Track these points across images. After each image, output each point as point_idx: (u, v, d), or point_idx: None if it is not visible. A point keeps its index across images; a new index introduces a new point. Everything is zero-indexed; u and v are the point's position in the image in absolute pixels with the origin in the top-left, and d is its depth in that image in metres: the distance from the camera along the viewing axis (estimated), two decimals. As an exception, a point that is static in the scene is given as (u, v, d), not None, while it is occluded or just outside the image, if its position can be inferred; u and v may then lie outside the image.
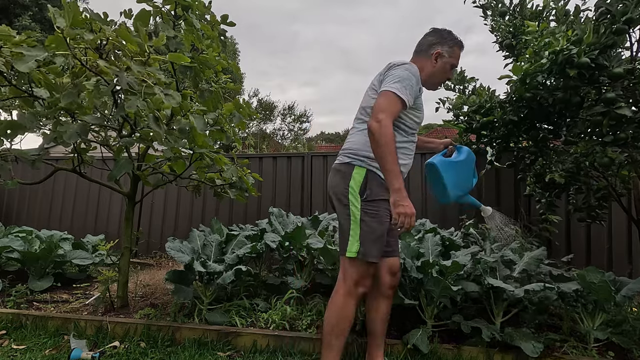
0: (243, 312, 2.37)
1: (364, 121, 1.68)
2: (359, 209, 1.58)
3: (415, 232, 2.92)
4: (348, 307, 1.58)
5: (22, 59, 1.63)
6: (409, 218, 1.47)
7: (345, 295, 1.59)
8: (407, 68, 1.60)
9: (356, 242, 1.57)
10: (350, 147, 1.69)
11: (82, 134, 1.93)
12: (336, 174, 1.69)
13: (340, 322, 1.58)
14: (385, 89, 1.55)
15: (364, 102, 1.74)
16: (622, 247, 3.74)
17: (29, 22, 12.44)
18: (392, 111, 1.52)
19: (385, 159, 1.48)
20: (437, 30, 1.78)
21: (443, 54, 1.73)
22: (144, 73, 1.83)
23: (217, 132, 2.50)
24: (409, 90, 1.55)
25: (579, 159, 2.58)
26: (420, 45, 1.79)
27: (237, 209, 4.79)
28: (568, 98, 2.48)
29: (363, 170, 1.61)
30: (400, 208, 1.47)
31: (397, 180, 1.48)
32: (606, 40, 2.20)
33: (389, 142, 1.47)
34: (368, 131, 1.52)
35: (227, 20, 2.40)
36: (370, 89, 1.72)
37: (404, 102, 1.54)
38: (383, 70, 1.67)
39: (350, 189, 1.60)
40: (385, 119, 1.48)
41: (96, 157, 2.61)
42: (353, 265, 1.60)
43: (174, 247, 2.37)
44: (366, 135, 1.59)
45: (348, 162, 1.65)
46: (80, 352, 1.95)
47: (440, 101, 3.53)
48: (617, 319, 2.23)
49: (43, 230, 3.68)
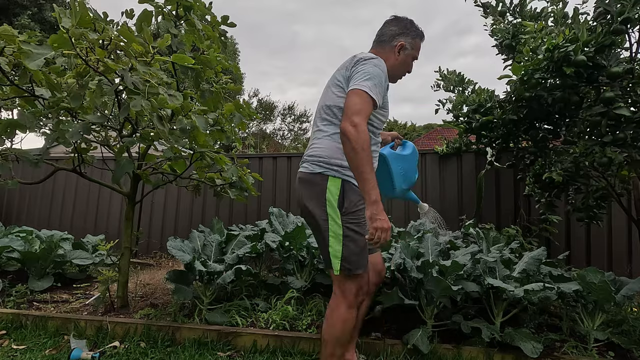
0: (243, 312, 2.37)
1: (331, 122, 1.54)
2: (340, 224, 1.46)
3: (415, 232, 2.92)
4: (351, 318, 1.52)
5: (31, 56, 1.61)
6: (385, 233, 1.37)
7: (348, 308, 1.51)
8: (377, 64, 1.48)
9: (338, 259, 1.47)
10: (319, 155, 1.53)
11: (84, 133, 1.93)
12: (308, 185, 1.53)
13: (345, 334, 1.53)
14: (356, 87, 1.41)
15: (327, 99, 1.58)
16: (622, 247, 3.75)
17: (28, 22, 12.43)
18: (367, 113, 1.40)
19: (363, 168, 1.35)
20: (400, 19, 1.67)
21: (406, 46, 1.63)
22: (148, 73, 1.84)
23: (218, 132, 2.50)
24: (379, 88, 1.45)
25: (578, 159, 2.59)
26: (383, 34, 1.66)
27: (237, 209, 4.80)
28: (567, 97, 2.48)
29: (338, 181, 1.48)
30: (377, 222, 1.35)
31: (374, 191, 1.36)
32: (604, 39, 2.20)
33: (367, 149, 1.35)
34: (342, 135, 1.38)
35: (227, 21, 2.41)
36: (335, 84, 1.56)
37: (376, 103, 1.44)
38: (349, 64, 1.53)
39: (328, 203, 1.47)
40: (361, 123, 1.36)
41: (96, 157, 2.62)
42: (347, 280, 1.51)
43: (176, 245, 2.37)
44: (336, 140, 1.48)
45: (320, 173, 1.50)
46: (80, 352, 1.95)
47: (440, 103, 3.54)
48: (617, 319, 2.24)
49: (43, 230, 3.68)
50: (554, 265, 2.40)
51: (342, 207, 1.47)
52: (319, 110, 1.63)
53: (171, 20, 2.22)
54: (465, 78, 3.48)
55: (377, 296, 2.22)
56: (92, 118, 2.03)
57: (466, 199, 4.24)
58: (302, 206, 1.57)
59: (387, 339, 2.10)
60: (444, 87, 3.56)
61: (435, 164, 4.41)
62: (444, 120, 3.61)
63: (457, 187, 4.30)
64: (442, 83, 3.55)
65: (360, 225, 1.48)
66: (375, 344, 2.05)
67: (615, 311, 2.30)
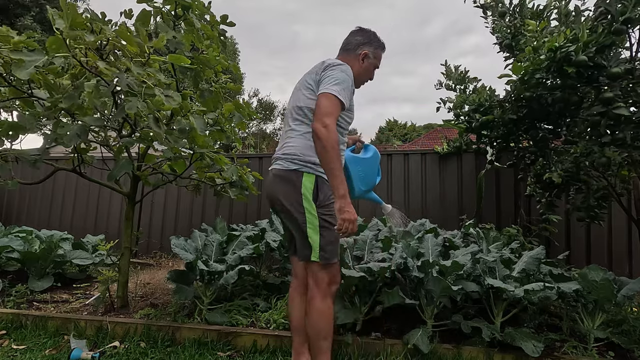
0: (243, 312, 2.37)
1: (302, 122, 1.65)
2: (316, 216, 1.58)
3: (415, 232, 2.92)
4: (327, 309, 1.60)
5: (22, 65, 1.62)
6: (352, 224, 1.49)
7: (322, 299, 1.60)
8: (344, 70, 1.61)
9: (317, 248, 1.58)
10: (293, 153, 1.63)
11: (82, 134, 1.93)
12: (282, 181, 1.63)
13: (325, 325, 1.59)
14: (326, 91, 1.53)
15: (299, 101, 1.69)
16: (622, 247, 3.74)
17: (30, 23, 12.45)
18: (336, 114, 1.53)
19: (333, 164, 1.48)
20: (365, 31, 1.80)
21: (369, 55, 1.77)
22: (144, 74, 1.83)
23: (217, 132, 2.50)
24: (347, 92, 1.57)
25: (578, 159, 2.58)
26: (348, 43, 1.79)
27: (237, 209, 4.80)
28: (567, 97, 2.48)
29: (312, 177, 1.60)
30: (345, 214, 1.48)
31: (342, 185, 1.49)
32: (604, 39, 2.20)
33: (336, 147, 1.48)
34: (314, 135, 1.50)
35: (226, 21, 2.40)
36: (305, 87, 1.67)
37: (344, 105, 1.56)
38: (319, 69, 1.64)
39: (304, 197, 1.58)
40: (331, 123, 1.48)
41: (96, 157, 2.61)
42: (322, 269, 1.60)
43: (179, 244, 2.37)
44: (308, 139, 1.59)
45: (295, 169, 1.61)
46: (80, 352, 1.95)
47: (441, 101, 3.53)
48: (617, 319, 2.23)
49: (43, 230, 3.68)
50: (554, 265, 2.40)
51: (316, 200, 1.59)
52: (290, 111, 1.73)
53: (170, 20, 2.21)
54: (467, 77, 3.47)
55: (378, 296, 2.22)
56: (90, 120, 2.03)
57: (466, 198, 4.24)
58: (277, 201, 1.66)
59: (387, 338, 2.09)
60: (445, 86, 3.55)
61: (435, 164, 4.40)
62: (444, 119, 3.61)
63: (457, 187, 4.29)
64: (445, 81, 3.54)
65: (333, 217, 1.58)
66: (375, 344, 2.05)
67: (615, 311, 2.30)
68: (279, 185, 1.64)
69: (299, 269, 1.79)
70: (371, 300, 2.19)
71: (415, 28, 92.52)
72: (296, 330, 1.78)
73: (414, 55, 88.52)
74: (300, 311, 1.76)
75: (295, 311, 1.79)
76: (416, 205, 4.36)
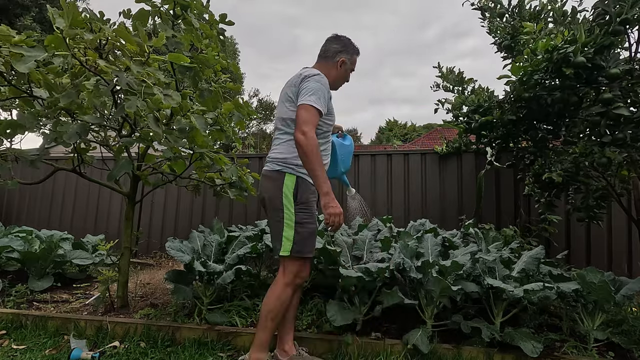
0: (243, 312, 2.37)
1: (285, 132, 1.84)
2: (293, 212, 1.74)
3: (415, 232, 2.92)
4: (285, 295, 1.76)
5: (22, 59, 1.63)
6: (338, 217, 1.67)
7: (284, 286, 1.76)
8: (318, 80, 1.76)
9: (289, 242, 1.73)
10: (278, 157, 1.82)
11: (82, 134, 1.93)
12: (268, 180, 1.83)
13: (277, 307, 1.75)
14: (303, 102, 1.70)
15: (281, 112, 1.87)
16: (622, 247, 3.74)
17: (29, 23, 12.45)
18: (314, 122, 1.69)
19: (314, 167, 1.65)
20: (340, 38, 1.96)
21: (346, 62, 1.94)
22: (143, 73, 1.83)
23: (217, 131, 2.50)
24: (322, 100, 1.73)
25: (578, 159, 2.58)
26: (326, 51, 1.95)
27: (237, 210, 4.80)
28: (566, 98, 2.48)
29: (293, 177, 1.77)
30: (331, 209, 1.65)
31: (325, 184, 1.66)
32: (602, 40, 2.20)
33: (315, 152, 1.64)
34: (295, 143, 1.67)
35: (225, 20, 2.40)
36: (287, 99, 1.84)
37: (321, 112, 1.72)
38: (297, 82, 1.79)
39: (284, 195, 1.75)
40: (309, 131, 1.64)
41: (96, 157, 2.61)
42: (292, 262, 1.76)
43: (174, 246, 2.37)
44: (291, 146, 1.78)
45: (279, 170, 1.79)
46: (80, 352, 1.95)
47: (439, 102, 3.53)
48: (617, 319, 2.23)
49: (43, 230, 3.68)
50: (553, 265, 2.40)
51: (295, 198, 1.76)
52: (276, 122, 1.94)
53: (169, 19, 2.21)
54: (464, 77, 3.46)
55: (377, 296, 2.22)
56: (89, 118, 2.03)
57: (466, 198, 4.24)
58: (263, 198, 1.87)
59: (387, 339, 2.10)
60: (443, 87, 3.55)
61: (435, 164, 4.40)
62: (443, 120, 3.60)
63: (457, 187, 4.29)
64: (442, 82, 3.53)
65: (310, 215, 1.77)
66: (375, 344, 2.05)
67: (615, 311, 2.30)
68: (265, 183, 1.86)
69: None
70: (371, 300, 2.19)
71: (415, 31, 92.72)
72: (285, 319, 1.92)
73: (414, 57, 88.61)
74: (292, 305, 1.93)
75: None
76: (416, 205, 4.36)
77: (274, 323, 1.77)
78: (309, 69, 1.87)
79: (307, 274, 1.85)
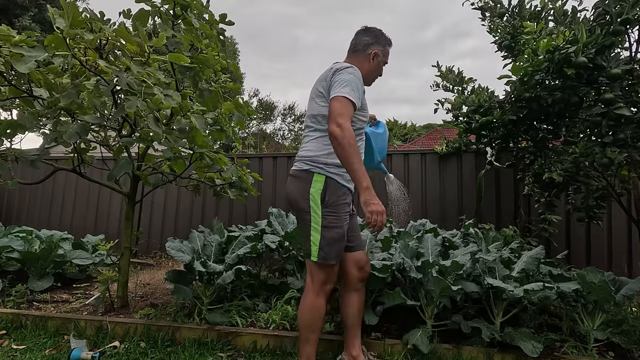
0: (243, 312, 2.37)
1: (316, 129, 1.74)
2: (320, 215, 1.63)
3: (415, 232, 2.92)
4: (319, 306, 1.68)
5: (22, 59, 1.63)
6: (380, 215, 1.52)
7: (315, 296, 1.68)
8: (352, 72, 1.66)
9: (316, 246, 1.64)
10: (307, 155, 1.73)
11: (82, 133, 1.93)
12: (295, 180, 1.73)
13: (314, 320, 1.68)
14: (336, 94, 1.59)
15: (312, 110, 1.77)
16: (622, 247, 3.74)
17: (29, 23, 12.44)
18: (349, 114, 1.58)
19: (351, 160, 1.52)
20: (370, 30, 1.85)
21: (379, 54, 1.83)
22: (143, 73, 1.83)
23: (217, 131, 2.50)
24: (356, 92, 1.62)
25: (578, 159, 2.58)
26: (356, 45, 1.85)
27: (237, 210, 4.80)
28: (567, 98, 2.48)
29: (322, 177, 1.66)
30: (372, 206, 1.51)
31: (364, 179, 1.52)
32: (603, 40, 2.20)
33: (352, 144, 1.52)
34: (330, 136, 1.55)
35: (225, 20, 2.40)
36: (317, 95, 1.74)
37: (355, 105, 1.61)
38: (328, 76, 1.69)
39: (311, 196, 1.65)
40: (345, 122, 1.53)
41: (96, 157, 2.61)
42: (318, 268, 1.68)
43: (174, 246, 2.37)
44: (321, 143, 1.69)
45: (307, 169, 1.69)
46: (80, 352, 1.95)
47: (439, 102, 3.53)
48: (617, 319, 2.23)
49: (43, 230, 3.68)
50: (553, 265, 2.40)
51: (324, 200, 1.64)
52: (306, 119, 1.84)
53: (169, 19, 2.21)
54: (464, 77, 3.46)
55: (379, 296, 2.22)
56: (89, 118, 2.03)
57: (466, 198, 4.24)
58: (291, 199, 1.76)
59: (387, 339, 2.10)
60: (443, 87, 3.54)
61: (435, 164, 4.40)
62: (443, 120, 3.60)
63: (457, 187, 4.29)
64: (441, 82, 3.53)
65: (338, 218, 1.66)
66: (375, 344, 2.05)
67: (615, 311, 2.29)
68: (292, 184, 1.75)
69: (344, 266, 1.84)
70: (371, 300, 2.19)
71: (415, 31, 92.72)
72: (345, 326, 1.88)
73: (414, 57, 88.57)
74: (344, 307, 1.86)
75: (342, 308, 1.89)
76: (416, 205, 4.35)
77: (315, 334, 1.70)
78: (341, 62, 1.76)
79: (335, 277, 1.76)
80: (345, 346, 1.88)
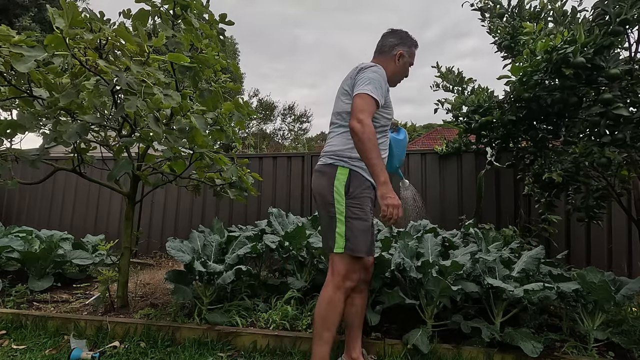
0: (243, 312, 2.37)
1: (340, 125, 1.78)
2: (344, 206, 1.66)
3: (415, 232, 2.92)
4: (337, 301, 1.66)
5: (22, 59, 1.63)
6: (396, 209, 1.56)
7: (335, 289, 1.67)
8: (376, 70, 1.70)
9: (342, 238, 1.65)
10: (331, 150, 1.77)
11: (82, 133, 1.93)
12: (320, 175, 1.77)
13: (330, 315, 1.65)
14: (359, 91, 1.63)
15: (337, 107, 1.81)
16: (622, 247, 3.74)
17: (29, 23, 12.45)
18: (370, 110, 1.61)
19: (370, 155, 1.56)
20: (396, 32, 1.89)
21: (404, 55, 1.87)
22: (143, 73, 1.83)
23: (217, 131, 2.50)
24: (379, 90, 1.66)
25: (578, 159, 2.58)
26: (383, 46, 1.88)
27: (237, 210, 4.79)
28: (566, 98, 2.48)
29: (346, 170, 1.69)
30: (388, 200, 1.55)
31: (382, 173, 1.57)
32: (602, 40, 2.20)
33: (372, 139, 1.56)
34: (351, 131, 1.60)
35: (225, 19, 2.40)
36: (343, 94, 1.78)
37: (377, 102, 1.65)
38: (353, 74, 1.74)
39: (335, 189, 1.68)
40: (365, 118, 1.57)
41: (96, 157, 2.61)
42: (341, 260, 1.67)
43: (175, 246, 2.37)
44: (345, 138, 1.72)
45: (331, 163, 1.73)
46: (80, 352, 1.95)
47: (439, 102, 3.53)
48: (617, 319, 2.23)
49: (43, 230, 3.68)
50: (553, 265, 2.40)
51: (347, 192, 1.67)
52: (332, 117, 1.87)
53: (168, 19, 2.21)
54: (464, 77, 3.46)
55: (378, 296, 2.22)
56: (89, 118, 2.03)
57: (466, 198, 4.24)
58: (317, 194, 1.78)
59: (387, 339, 2.10)
60: (443, 87, 3.54)
61: (435, 164, 4.40)
62: (443, 120, 3.60)
63: (457, 187, 4.29)
64: (441, 82, 3.53)
65: (363, 210, 1.67)
66: (375, 344, 2.05)
67: (615, 311, 2.30)
68: (318, 179, 1.78)
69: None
70: (371, 300, 2.18)
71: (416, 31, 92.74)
72: (346, 326, 1.86)
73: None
74: (346, 307, 1.77)
75: (345, 307, 1.80)
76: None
77: (330, 333, 1.64)
78: (366, 62, 1.79)
79: (358, 276, 1.72)
80: (346, 347, 1.87)
